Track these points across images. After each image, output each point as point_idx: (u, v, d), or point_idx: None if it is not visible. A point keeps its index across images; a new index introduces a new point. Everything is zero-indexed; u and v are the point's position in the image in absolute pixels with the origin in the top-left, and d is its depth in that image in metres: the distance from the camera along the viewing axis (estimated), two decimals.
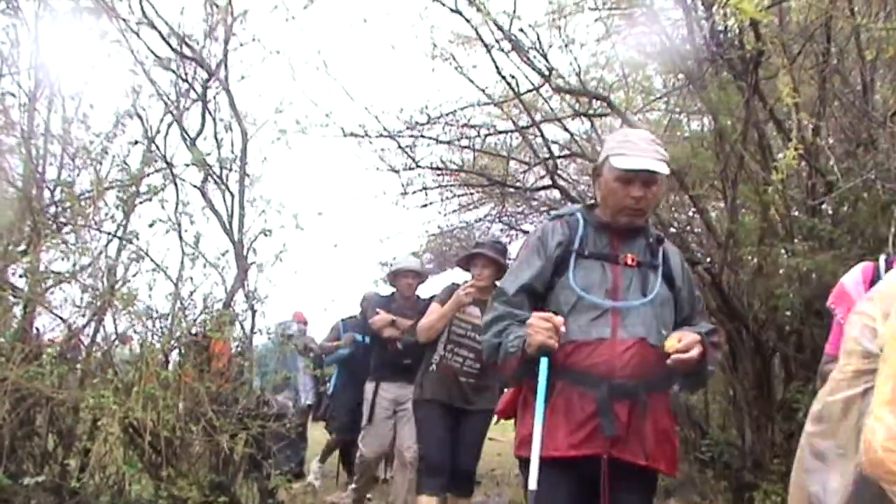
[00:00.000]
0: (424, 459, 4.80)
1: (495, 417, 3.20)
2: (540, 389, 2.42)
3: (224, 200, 5.30)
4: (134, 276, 4.92)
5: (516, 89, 5.98)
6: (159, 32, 5.20)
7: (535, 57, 5.73)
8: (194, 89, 5.37)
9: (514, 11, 5.47)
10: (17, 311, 4.67)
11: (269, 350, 7.17)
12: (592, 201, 2.76)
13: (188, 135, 5.33)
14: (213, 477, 4.66)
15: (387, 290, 6.55)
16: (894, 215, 4.00)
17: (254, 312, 5.27)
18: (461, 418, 4.79)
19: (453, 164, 7.83)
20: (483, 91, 6.59)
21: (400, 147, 7.20)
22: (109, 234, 4.98)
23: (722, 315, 5.79)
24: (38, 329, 4.81)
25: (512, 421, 2.85)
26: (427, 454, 4.77)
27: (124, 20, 5.08)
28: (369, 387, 5.69)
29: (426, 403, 4.80)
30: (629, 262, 2.60)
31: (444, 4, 5.49)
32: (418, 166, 7.50)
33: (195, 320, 5.02)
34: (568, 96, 6.42)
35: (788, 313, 5.58)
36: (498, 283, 4.85)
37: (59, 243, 4.83)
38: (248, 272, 5.19)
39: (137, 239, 4.97)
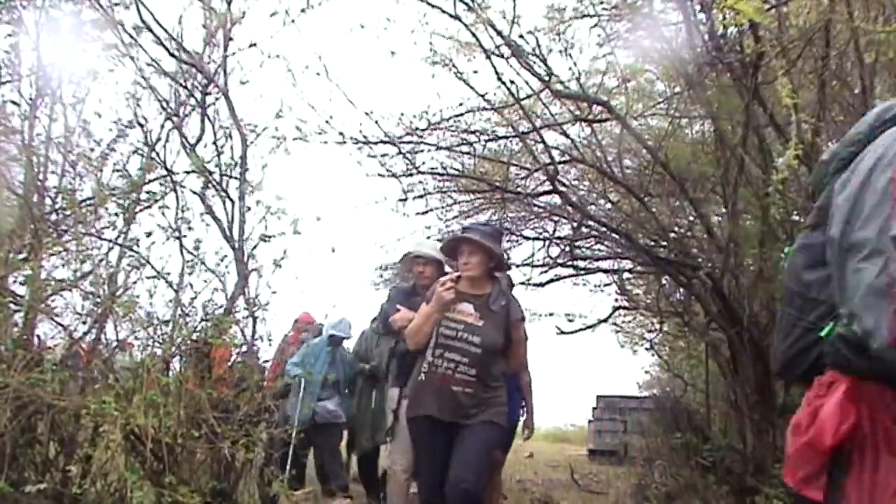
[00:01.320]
0: (419, 493, 4.22)
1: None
2: None
3: (224, 207, 5.31)
4: (135, 283, 4.93)
5: (516, 95, 5.98)
6: (158, 39, 5.21)
7: (534, 62, 5.73)
8: (194, 96, 5.39)
9: (514, 17, 5.49)
10: (19, 318, 4.68)
11: (318, 349, 7.01)
12: None
13: (188, 142, 5.34)
14: (215, 484, 4.65)
15: None
16: None
17: (255, 319, 5.27)
18: (458, 434, 4.02)
19: (454, 170, 7.84)
20: (483, 97, 6.59)
21: (400, 153, 7.20)
22: (110, 241, 4.98)
23: (723, 320, 5.79)
24: (39, 336, 4.82)
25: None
26: (420, 485, 4.18)
27: (123, 27, 5.10)
28: (393, 394, 4.97)
29: (415, 422, 4.18)
30: None
31: (443, 11, 5.50)
32: (419, 172, 7.50)
33: (196, 327, 5.02)
34: (568, 102, 6.42)
35: None
36: (497, 274, 4.25)
37: (60, 251, 4.84)
38: (248, 278, 5.20)
39: (138, 246, 4.97)
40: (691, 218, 7.06)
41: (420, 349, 4.18)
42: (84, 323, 4.77)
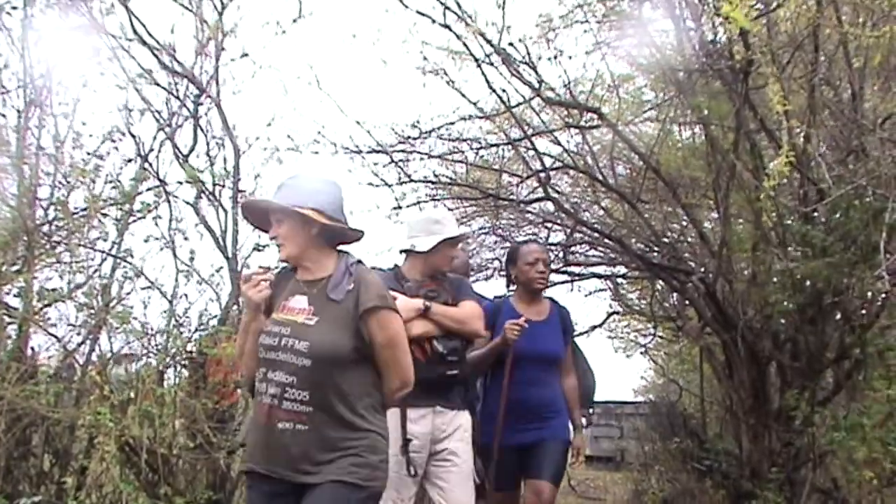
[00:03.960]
0: None
1: None
2: None
3: (217, 217, 5.32)
4: (128, 294, 4.92)
5: (507, 102, 5.99)
6: (150, 49, 5.21)
7: (525, 70, 5.75)
8: (186, 106, 5.39)
9: (504, 25, 5.50)
10: (12, 330, 4.66)
11: None
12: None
13: (181, 152, 5.34)
14: (210, 494, 4.64)
15: None
16: (886, 222, 4.02)
17: None
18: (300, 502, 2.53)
19: (446, 178, 7.85)
20: (475, 105, 6.60)
21: (393, 161, 7.21)
22: (104, 252, 4.97)
23: (717, 324, 5.80)
24: (33, 348, 4.81)
25: None
26: None
27: (115, 37, 5.10)
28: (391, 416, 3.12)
29: (246, 479, 2.80)
30: None
31: (433, 20, 5.51)
32: (411, 180, 7.50)
33: (190, 337, 5.02)
34: (559, 109, 6.44)
35: (783, 321, 5.60)
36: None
37: (53, 262, 4.83)
38: None
39: (132, 257, 4.97)
40: (684, 223, 7.07)
41: (252, 374, 2.76)
42: (78, 334, 4.77)
